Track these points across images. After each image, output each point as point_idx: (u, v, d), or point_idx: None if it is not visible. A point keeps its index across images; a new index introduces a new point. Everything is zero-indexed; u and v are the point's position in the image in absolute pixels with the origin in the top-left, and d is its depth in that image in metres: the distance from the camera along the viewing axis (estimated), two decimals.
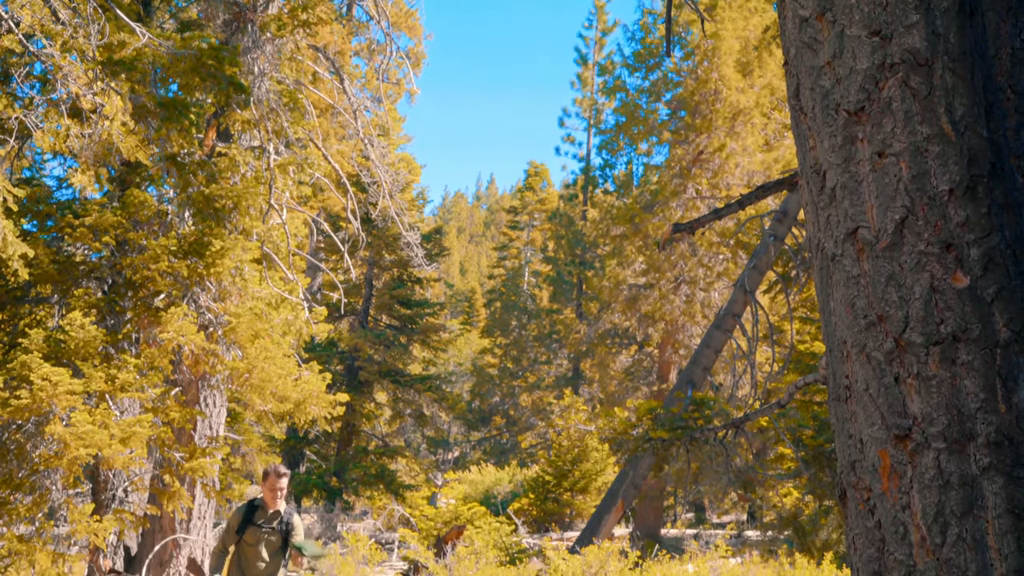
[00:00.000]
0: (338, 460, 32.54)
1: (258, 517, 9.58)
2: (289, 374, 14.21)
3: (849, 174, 3.43)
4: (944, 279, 3.17)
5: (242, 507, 9.69)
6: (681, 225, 8.64)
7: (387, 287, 34.86)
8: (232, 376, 13.94)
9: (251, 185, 13.85)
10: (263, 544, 9.50)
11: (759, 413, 11.32)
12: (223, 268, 13.18)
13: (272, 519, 9.60)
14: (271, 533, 9.54)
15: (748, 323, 19.88)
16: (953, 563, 3.06)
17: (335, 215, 32.94)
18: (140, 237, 13.16)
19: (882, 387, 3.25)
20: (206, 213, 13.59)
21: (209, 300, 13.71)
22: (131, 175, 14.34)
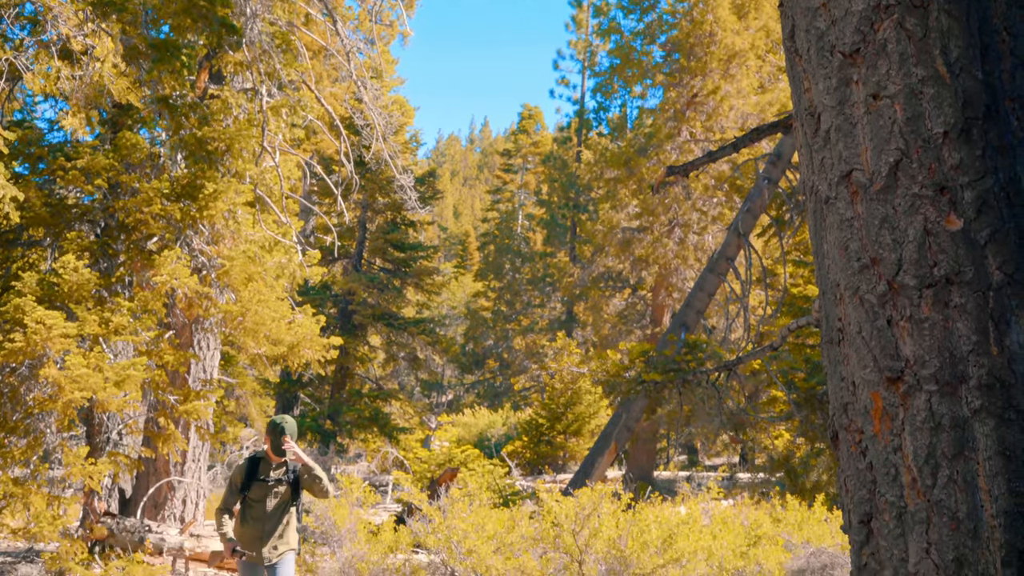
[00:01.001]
0: (332, 403, 32.61)
1: (262, 471, 8.86)
2: (283, 317, 14.21)
3: (844, 116, 3.41)
4: (938, 222, 3.17)
5: (243, 464, 8.94)
6: (675, 168, 8.62)
7: (381, 230, 34.78)
8: (226, 319, 13.95)
9: (244, 127, 13.80)
10: (270, 498, 8.80)
11: (752, 356, 11.34)
12: (216, 211, 13.14)
13: (278, 469, 8.88)
14: (278, 484, 8.84)
15: (742, 266, 19.91)
16: (944, 504, 3.08)
17: (328, 158, 32.84)
18: (133, 180, 13.11)
19: (875, 330, 3.25)
20: (199, 156, 13.54)
21: (202, 243, 13.69)
22: (123, 117, 14.26)
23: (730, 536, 11.88)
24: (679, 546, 11.04)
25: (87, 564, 12.41)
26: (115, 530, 12.93)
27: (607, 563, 10.56)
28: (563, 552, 10.58)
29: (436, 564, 11.79)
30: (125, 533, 12.92)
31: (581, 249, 45.62)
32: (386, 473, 30.73)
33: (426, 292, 36.68)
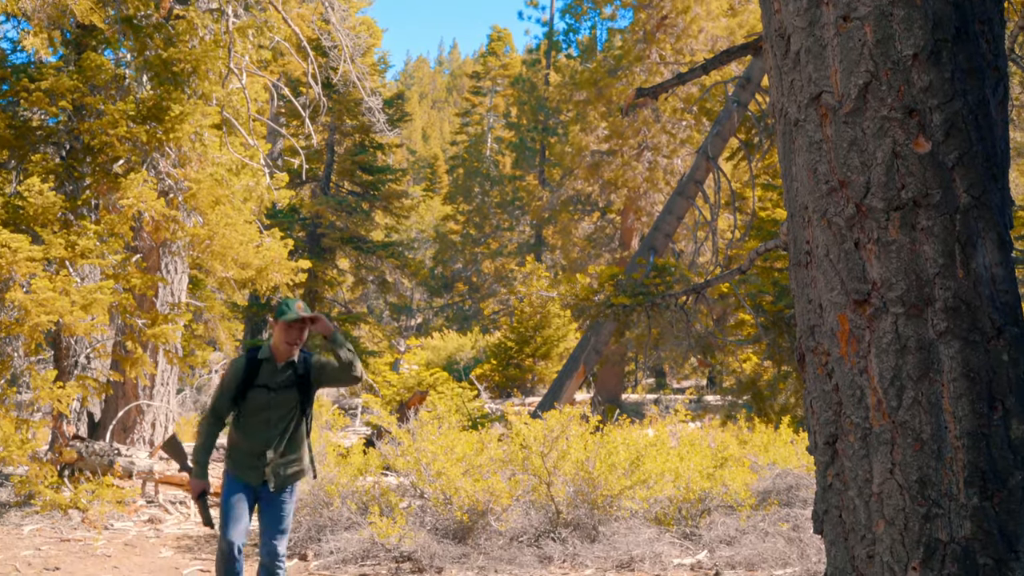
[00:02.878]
0: None
1: (264, 375, 7.21)
2: (251, 240, 14.14)
3: (814, 38, 3.39)
4: (906, 144, 3.17)
5: (239, 361, 7.30)
6: (644, 90, 8.58)
7: (349, 153, 34.55)
8: (193, 243, 13.87)
9: (210, 48, 13.63)
10: (274, 408, 7.19)
11: (720, 279, 11.38)
12: (182, 133, 13.02)
13: (284, 372, 7.24)
14: (285, 390, 7.22)
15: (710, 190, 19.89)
16: (908, 425, 3.10)
17: (296, 80, 32.50)
18: (98, 102, 12.95)
19: (842, 252, 3.26)
20: (164, 77, 13.38)
21: (169, 166, 13.57)
22: (87, 38, 14.06)
23: (697, 458, 11.98)
24: (646, 468, 11.14)
25: (56, 487, 12.42)
26: (84, 453, 12.93)
27: (575, 485, 10.65)
28: (531, 474, 10.65)
29: (406, 486, 11.86)
30: (94, 456, 12.92)
31: (550, 172, 45.54)
32: (355, 396, 30.81)
33: (395, 215, 36.57)
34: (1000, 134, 3.34)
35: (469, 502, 10.11)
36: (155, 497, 12.80)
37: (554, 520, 10.49)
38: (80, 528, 11.42)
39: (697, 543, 10.79)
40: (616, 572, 9.77)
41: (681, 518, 11.30)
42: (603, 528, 10.52)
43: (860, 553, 3.23)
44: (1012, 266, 3.29)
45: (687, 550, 10.61)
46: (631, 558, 10.02)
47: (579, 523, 10.55)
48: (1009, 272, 3.25)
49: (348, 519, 10.68)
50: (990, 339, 3.12)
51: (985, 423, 3.07)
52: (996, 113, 3.34)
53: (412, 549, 9.72)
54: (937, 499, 3.06)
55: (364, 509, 10.87)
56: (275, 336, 7.30)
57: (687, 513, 11.34)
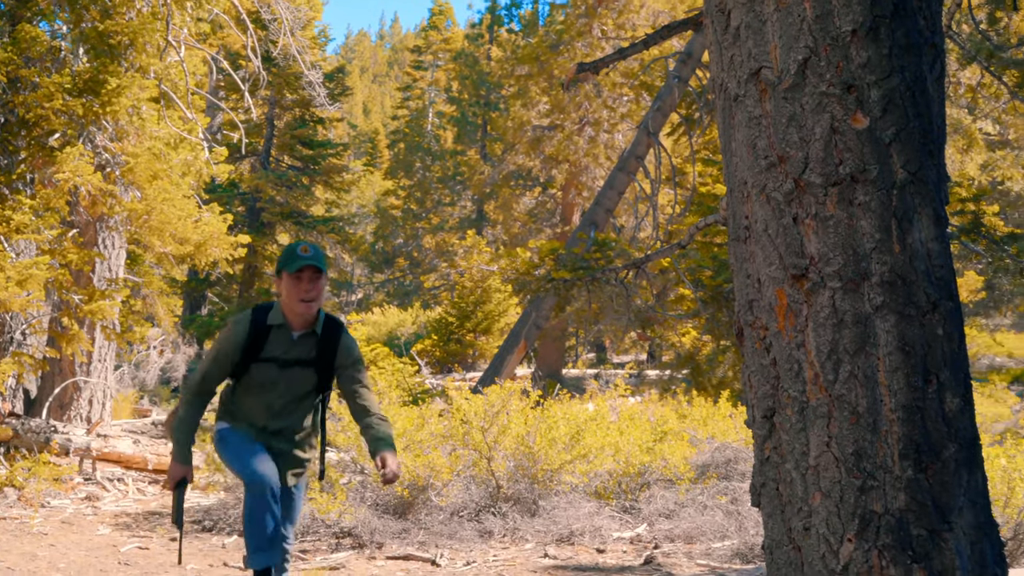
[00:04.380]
0: (240, 302, 32.37)
1: (275, 345, 5.71)
2: (189, 215, 14.00)
3: (754, 13, 3.40)
4: (844, 120, 3.19)
5: (241, 324, 5.73)
6: (585, 65, 8.58)
7: (289, 127, 34.32)
8: (131, 218, 13.72)
9: (148, 21, 13.46)
10: (281, 389, 5.78)
11: (660, 254, 11.43)
12: (120, 107, 12.85)
13: (302, 343, 5.76)
14: (299, 366, 5.76)
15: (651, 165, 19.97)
16: (845, 399, 3.14)
17: (235, 53, 32.23)
18: (33, 74, 12.75)
19: (781, 227, 3.28)
20: (101, 50, 13.19)
21: (106, 140, 13.40)
22: (21, 10, 13.83)
23: (637, 432, 12.05)
24: (586, 442, 11.18)
25: None
26: (20, 431, 12.77)
27: (515, 459, 10.67)
28: (472, 449, 10.64)
29: (347, 462, 11.83)
30: (30, 434, 12.77)
31: (492, 147, 45.47)
32: None
33: (335, 190, 36.39)
34: (937, 110, 3.37)
35: (410, 477, 10.11)
36: (93, 475, 12.69)
37: (495, 495, 10.52)
38: (16, 506, 11.29)
39: (636, 517, 10.86)
40: (556, 546, 9.82)
41: (621, 492, 11.37)
42: (543, 502, 10.55)
43: (797, 525, 3.26)
44: (947, 241, 3.32)
45: (627, 524, 10.67)
46: (571, 532, 10.07)
47: (519, 498, 10.59)
48: (944, 247, 3.28)
49: None
50: (925, 313, 3.16)
51: (920, 396, 3.11)
52: (933, 89, 3.37)
53: (352, 525, 9.71)
54: (872, 471, 3.10)
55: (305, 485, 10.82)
56: (283, 295, 5.70)
57: (627, 487, 11.41)
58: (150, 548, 9.52)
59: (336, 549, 9.55)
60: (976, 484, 3.25)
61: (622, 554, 9.77)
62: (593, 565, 9.30)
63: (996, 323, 41.52)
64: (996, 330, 41.46)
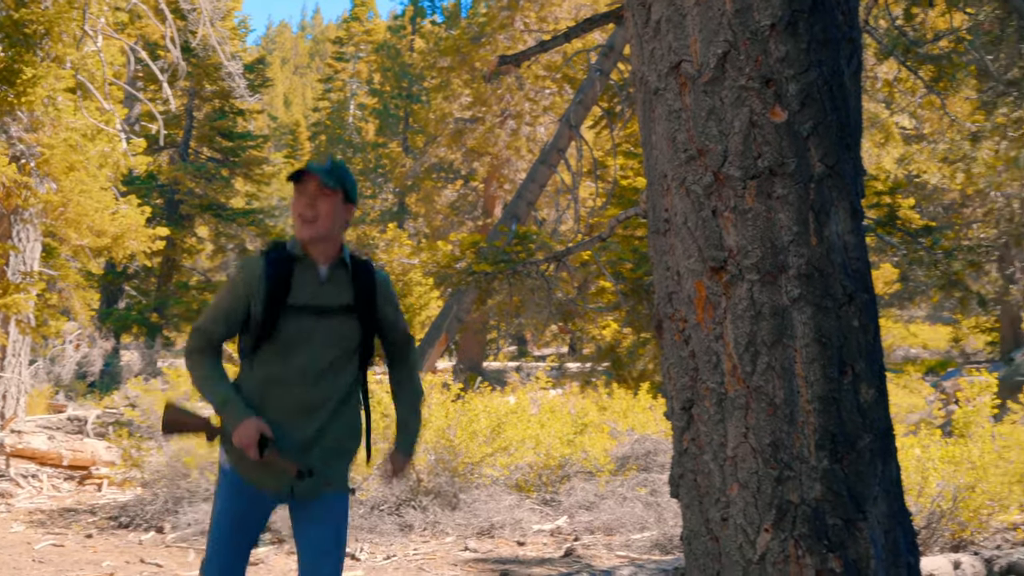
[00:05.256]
0: (159, 296, 31.99)
1: (302, 283, 4.30)
2: (106, 208, 13.83)
3: (674, 7, 3.42)
4: (763, 114, 3.21)
5: (252, 260, 4.38)
6: (507, 57, 8.58)
7: (208, 119, 33.95)
8: (46, 210, 13.52)
9: (64, 10, 13.26)
10: (320, 341, 4.28)
11: (581, 247, 11.47)
12: (35, 97, 12.65)
13: (334, 283, 4.36)
14: (339, 314, 4.33)
15: (573, 158, 20.01)
16: (762, 390, 3.16)
17: (154, 43, 31.79)
18: None
19: (700, 220, 3.30)
20: (15, 39, 12.98)
21: (21, 130, 13.19)
22: None
23: (557, 424, 12.09)
24: (507, 435, 11.20)
25: None
26: None
27: (436, 453, 10.65)
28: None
29: None
30: None
31: (414, 140, 45.34)
32: None
33: (256, 182, 36.06)
34: (853, 105, 3.41)
35: None
36: (6, 471, 12.48)
37: (415, 488, 10.50)
38: None
39: (557, 509, 10.90)
40: (477, 539, 9.82)
41: (541, 484, 11.41)
42: (464, 496, 10.55)
43: (714, 516, 3.28)
44: (863, 234, 3.37)
45: (547, 516, 10.71)
46: (492, 525, 10.08)
47: (440, 491, 10.58)
48: (860, 240, 3.32)
49: (206, 490, 10.54)
50: (842, 305, 3.19)
51: (836, 387, 3.14)
52: (850, 84, 3.41)
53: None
54: (789, 462, 3.13)
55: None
56: (295, 217, 4.34)
57: (547, 479, 11.45)
58: (65, 545, 9.38)
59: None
60: (890, 474, 3.30)
61: (542, 546, 9.80)
62: (513, 558, 9.32)
63: (911, 315, 42.22)
64: (911, 321, 42.16)
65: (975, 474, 9.45)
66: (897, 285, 31.69)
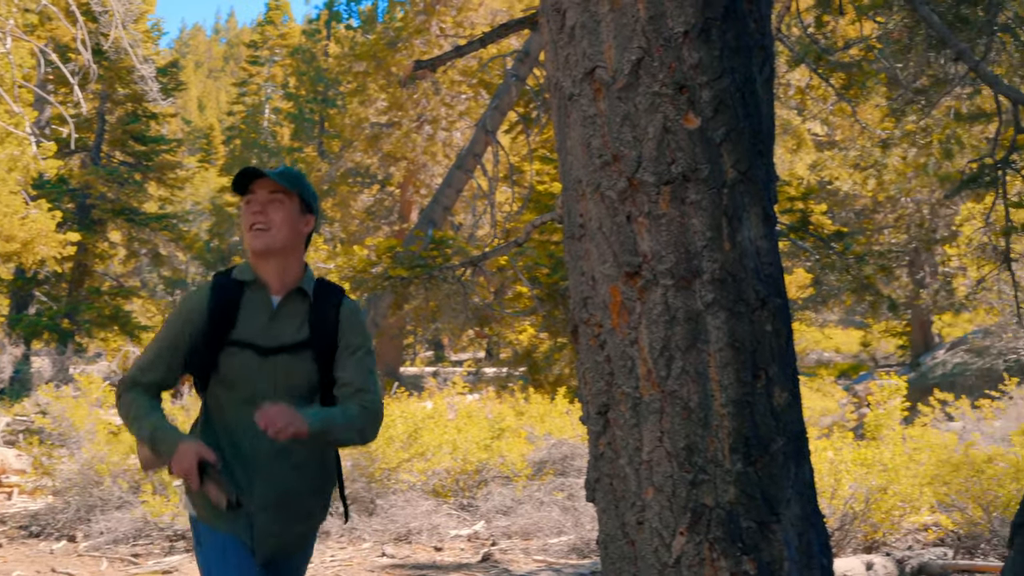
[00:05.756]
0: (70, 301, 31.53)
1: (250, 315, 3.80)
2: (16, 212, 13.62)
3: (588, 13, 3.43)
4: (676, 120, 3.23)
5: (200, 293, 3.86)
6: (423, 62, 8.56)
7: (121, 122, 33.55)
8: None
9: None
10: (266, 383, 3.74)
11: (497, 252, 11.47)
12: None
13: (289, 314, 3.84)
14: (292, 351, 3.79)
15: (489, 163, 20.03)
16: (677, 395, 3.18)
17: (65, 46, 31.32)
18: None
19: (615, 225, 3.31)
20: None
21: None
22: None
23: (474, 429, 12.10)
24: (424, 440, 11.19)
25: None
26: None
27: (353, 458, 10.62)
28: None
29: None
30: None
31: (329, 144, 45.16)
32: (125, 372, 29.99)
33: (169, 187, 35.72)
34: (766, 111, 3.44)
35: None
36: None
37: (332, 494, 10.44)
38: None
39: (474, 514, 10.91)
40: (394, 545, 9.80)
41: (459, 490, 11.40)
42: (381, 501, 10.53)
43: (630, 520, 3.30)
44: (776, 239, 3.40)
45: (464, 521, 10.71)
46: (409, 531, 10.06)
47: (357, 497, 10.54)
48: (773, 245, 3.36)
49: (120, 498, 10.42)
50: (754, 310, 3.22)
51: (749, 391, 3.17)
52: (762, 91, 3.44)
53: (187, 528, 9.54)
54: (703, 465, 3.15)
55: (136, 488, 10.61)
56: (246, 230, 3.82)
57: (464, 485, 11.45)
58: None
59: (170, 552, 9.38)
60: (803, 476, 3.33)
61: (460, 552, 9.80)
62: (431, 563, 9.30)
63: (824, 319, 42.78)
64: (824, 326, 42.74)
65: (887, 476, 9.60)
66: (810, 290, 32.12)
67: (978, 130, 10.33)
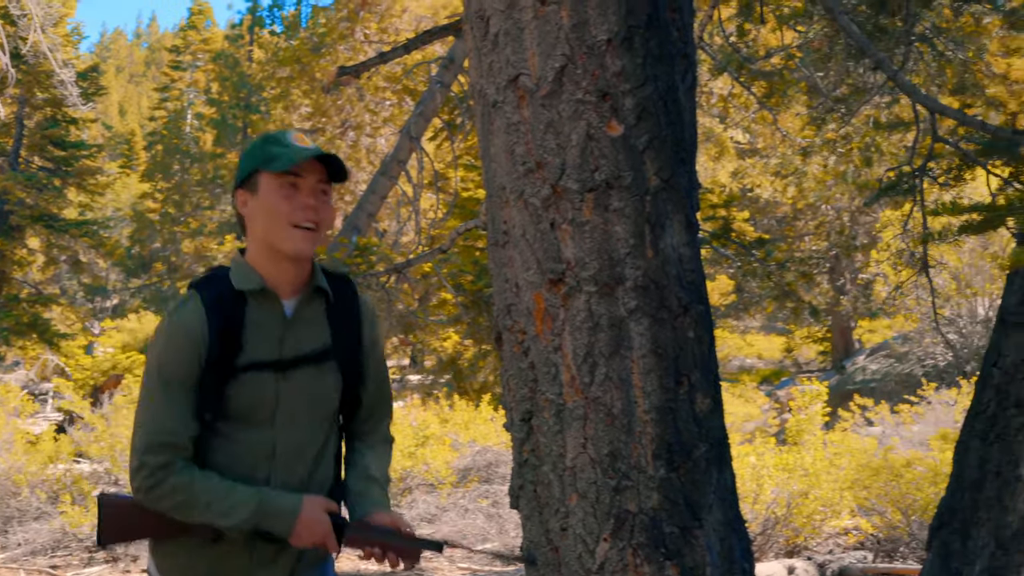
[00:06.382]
0: None
1: (259, 330, 3.01)
2: None
3: (512, 20, 3.42)
4: (600, 127, 3.24)
5: (187, 307, 3.05)
6: (346, 68, 8.54)
7: (40, 127, 33.05)
8: None
9: None
10: (286, 409, 3.03)
11: (422, 259, 11.45)
12: None
13: (306, 318, 3.11)
14: (314, 363, 3.09)
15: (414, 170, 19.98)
16: (600, 401, 3.19)
17: None
18: None
19: (538, 232, 3.31)
20: None
21: None
22: None
23: (399, 437, 12.05)
24: None
25: None
26: None
27: None
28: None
29: (100, 473, 11.47)
30: None
31: None
32: (46, 381, 29.58)
33: (89, 193, 35.23)
34: (688, 119, 3.46)
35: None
36: None
37: None
38: None
39: None
40: None
41: None
42: None
43: (554, 526, 3.30)
44: (698, 247, 3.42)
45: None
46: None
47: None
48: (695, 252, 3.38)
49: (38, 509, 10.27)
50: (677, 316, 3.24)
51: (672, 397, 3.19)
52: (685, 99, 3.46)
53: None
54: (627, 472, 3.16)
55: (55, 498, 10.46)
56: (257, 226, 3.08)
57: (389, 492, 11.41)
58: None
59: (89, 564, 9.25)
60: (725, 482, 3.35)
61: None
62: (355, 571, 9.25)
63: (746, 325, 43.16)
64: (746, 332, 43.11)
65: (808, 481, 9.70)
66: (732, 296, 32.40)
67: (896, 138, 10.47)
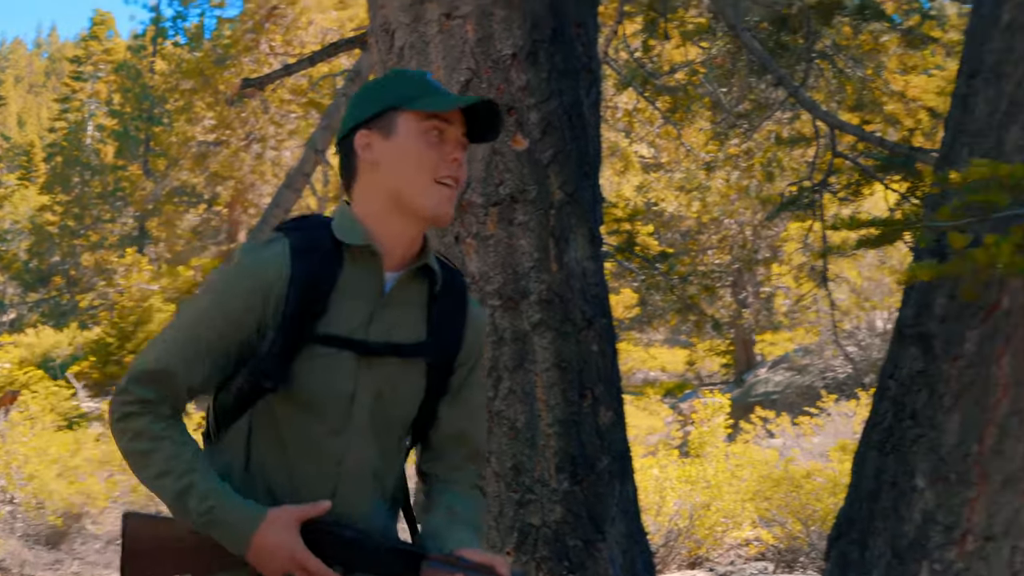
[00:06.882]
0: None
1: (349, 299, 2.16)
2: None
3: (418, 34, 3.42)
4: (505, 141, 3.25)
5: (272, 259, 2.14)
6: (251, 80, 8.49)
7: None
8: None
9: None
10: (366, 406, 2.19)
11: None
12: None
13: (405, 301, 2.23)
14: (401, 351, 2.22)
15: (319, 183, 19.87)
16: (504, 415, 3.19)
17: None
18: None
19: (443, 246, 3.31)
20: None
21: None
22: None
23: None
24: None
25: None
26: None
27: None
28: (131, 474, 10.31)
29: None
30: None
31: (155, 162, 44.24)
32: None
33: None
34: (593, 134, 3.49)
35: (64, 506, 9.69)
36: None
37: None
38: None
39: None
40: None
41: None
42: None
43: None
44: (601, 261, 3.44)
45: None
46: None
47: None
48: (599, 266, 3.40)
49: None
50: (581, 330, 3.25)
51: (575, 411, 3.20)
52: (589, 113, 3.48)
53: (1, 557, 9.21)
54: (531, 485, 3.17)
55: None
56: (399, 169, 2.17)
57: None
58: None
59: None
60: (627, 495, 3.37)
61: None
62: None
63: (650, 338, 43.38)
64: (650, 345, 43.34)
65: (710, 493, 9.77)
66: (636, 309, 32.55)
67: (798, 153, 10.63)
